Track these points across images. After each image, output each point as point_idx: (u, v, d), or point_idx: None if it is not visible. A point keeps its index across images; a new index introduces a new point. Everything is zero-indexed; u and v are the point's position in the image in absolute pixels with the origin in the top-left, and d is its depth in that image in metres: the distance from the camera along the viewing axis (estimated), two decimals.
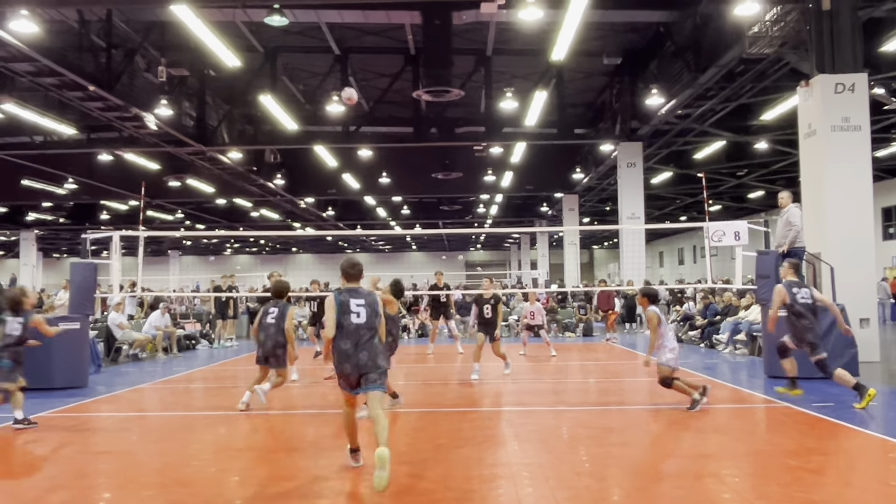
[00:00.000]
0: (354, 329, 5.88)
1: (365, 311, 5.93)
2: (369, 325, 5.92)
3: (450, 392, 11.26)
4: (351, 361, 5.86)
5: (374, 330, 5.96)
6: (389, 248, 72.09)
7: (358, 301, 5.95)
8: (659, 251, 61.99)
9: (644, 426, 8.40)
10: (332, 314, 5.88)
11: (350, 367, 5.87)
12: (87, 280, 12.08)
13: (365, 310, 5.93)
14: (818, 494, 5.56)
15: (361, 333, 5.88)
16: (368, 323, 5.93)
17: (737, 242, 12.35)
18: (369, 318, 5.94)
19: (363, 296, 6.00)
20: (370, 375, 5.87)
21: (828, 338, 11.13)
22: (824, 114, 13.10)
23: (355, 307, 5.92)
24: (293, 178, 30.10)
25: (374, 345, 5.92)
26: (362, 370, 5.87)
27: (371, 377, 5.87)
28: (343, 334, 5.88)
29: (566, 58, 16.15)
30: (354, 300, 5.96)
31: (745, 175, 31.05)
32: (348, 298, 5.96)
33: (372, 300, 6.02)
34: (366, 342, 5.89)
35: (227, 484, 6.12)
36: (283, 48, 19.58)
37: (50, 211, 39.58)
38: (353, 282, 6.14)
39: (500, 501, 5.43)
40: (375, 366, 5.88)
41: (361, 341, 5.87)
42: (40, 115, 18.85)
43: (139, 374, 13.76)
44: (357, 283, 6.17)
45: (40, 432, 8.14)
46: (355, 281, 6.16)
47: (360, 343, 5.87)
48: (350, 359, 5.86)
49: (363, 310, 5.93)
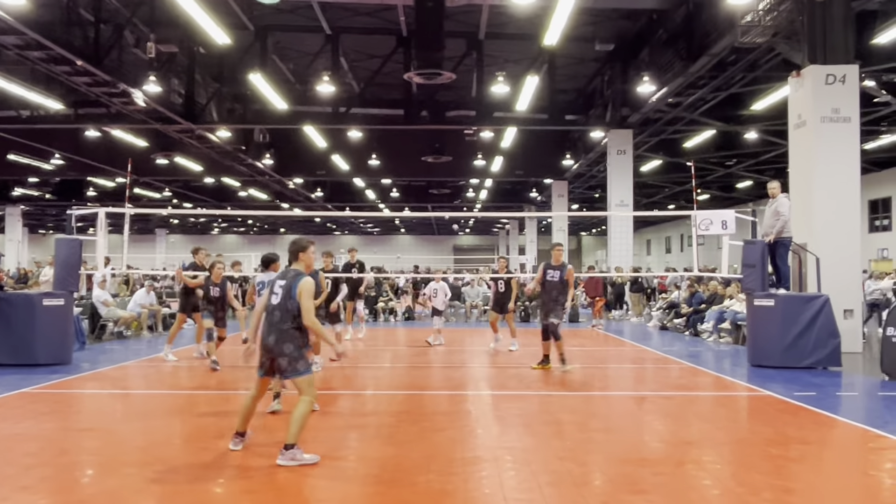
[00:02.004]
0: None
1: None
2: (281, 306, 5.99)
3: (434, 375, 11.29)
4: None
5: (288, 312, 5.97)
6: (378, 230, 71.93)
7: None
8: (647, 239, 62.18)
9: (627, 413, 8.45)
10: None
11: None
12: (71, 256, 11.99)
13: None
14: (798, 483, 5.61)
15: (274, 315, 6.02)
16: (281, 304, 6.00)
17: (724, 231, 12.39)
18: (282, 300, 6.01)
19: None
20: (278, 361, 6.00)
21: (812, 327, 11.25)
22: (814, 105, 13.11)
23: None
24: (282, 158, 29.90)
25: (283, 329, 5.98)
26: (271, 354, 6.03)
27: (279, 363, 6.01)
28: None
29: (558, 43, 16.07)
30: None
31: (734, 165, 31.10)
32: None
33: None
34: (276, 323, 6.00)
35: (209, 463, 6.10)
36: (274, 27, 19.39)
37: (36, 186, 39.16)
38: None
39: (483, 485, 5.45)
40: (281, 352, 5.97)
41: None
42: (27, 88, 18.61)
43: (124, 351, 13.70)
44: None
45: (22, 408, 8.09)
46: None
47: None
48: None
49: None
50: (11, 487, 5.19)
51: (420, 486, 5.29)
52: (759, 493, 5.22)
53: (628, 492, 5.18)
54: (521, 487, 5.31)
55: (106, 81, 17.24)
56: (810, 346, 11.21)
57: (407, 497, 5.07)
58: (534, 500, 5.00)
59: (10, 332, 11.20)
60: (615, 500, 4.99)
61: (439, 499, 5.06)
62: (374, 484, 5.44)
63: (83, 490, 5.41)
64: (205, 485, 5.45)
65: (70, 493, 5.25)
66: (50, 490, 5.29)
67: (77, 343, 13.04)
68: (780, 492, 5.27)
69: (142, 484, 5.40)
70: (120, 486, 5.36)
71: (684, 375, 11.21)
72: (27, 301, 11.53)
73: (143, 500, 5.06)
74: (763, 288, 11.72)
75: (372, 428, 7.49)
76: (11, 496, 5.01)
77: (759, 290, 11.69)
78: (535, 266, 35.74)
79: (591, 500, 5.00)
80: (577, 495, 5.10)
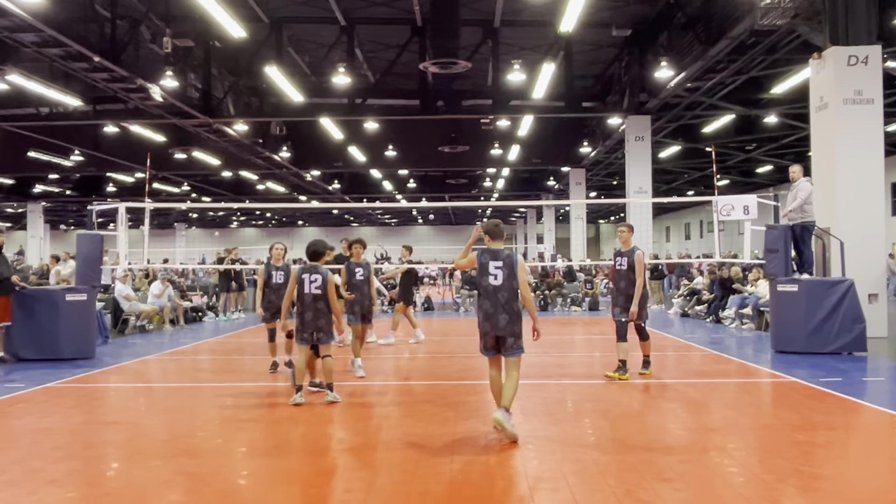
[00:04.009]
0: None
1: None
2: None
3: (455, 365, 11.28)
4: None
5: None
6: (396, 221, 72.02)
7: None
8: (665, 226, 61.80)
9: (650, 400, 8.39)
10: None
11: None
12: (93, 251, 12.08)
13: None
14: (826, 468, 5.55)
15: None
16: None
17: (746, 217, 12.24)
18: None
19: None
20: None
21: (836, 312, 11.13)
22: (837, 87, 12.92)
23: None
24: (299, 150, 29.97)
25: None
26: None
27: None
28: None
29: (575, 29, 15.92)
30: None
31: (754, 149, 30.79)
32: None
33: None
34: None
35: (233, 454, 6.14)
36: (289, 19, 19.38)
37: (56, 183, 39.58)
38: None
39: (507, 474, 5.44)
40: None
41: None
42: (46, 86, 18.74)
43: (146, 345, 13.81)
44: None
45: (48, 402, 8.18)
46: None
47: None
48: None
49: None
50: (40, 481, 5.24)
51: (444, 476, 5.28)
52: (786, 480, 5.17)
53: (654, 479, 5.14)
54: (545, 476, 5.29)
55: (123, 77, 17.32)
56: (835, 332, 11.09)
57: (431, 487, 5.06)
58: (559, 489, 4.98)
59: (34, 328, 11.32)
60: (640, 489, 4.95)
61: (463, 488, 5.05)
62: (399, 472, 5.44)
63: (109, 483, 5.46)
64: (229, 476, 5.48)
65: (97, 486, 5.30)
66: (77, 483, 5.33)
67: (100, 337, 13.15)
68: (807, 478, 5.21)
69: (168, 476, 5.43)
70: (146, 478, 5.39)
71: (707, 362, 11.13)
72: (50, 297, 11.63)
73: (169, 493, 5.09)
74: (786, 273, 11.60)
75: (394, 417, 7.50)
76: (40, 489, 5.05)
77: (781, 276, 11.57)
78: (555, 254, 35.66)
79: (616, 488, 4.97)
80: (603, 483, 5.07)
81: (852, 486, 5.11)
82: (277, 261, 10.01)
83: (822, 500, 4.80)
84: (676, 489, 4.97)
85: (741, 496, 4.81)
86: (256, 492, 5.18)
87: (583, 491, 4.92)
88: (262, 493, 5.13)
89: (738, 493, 4.87)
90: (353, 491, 5.15)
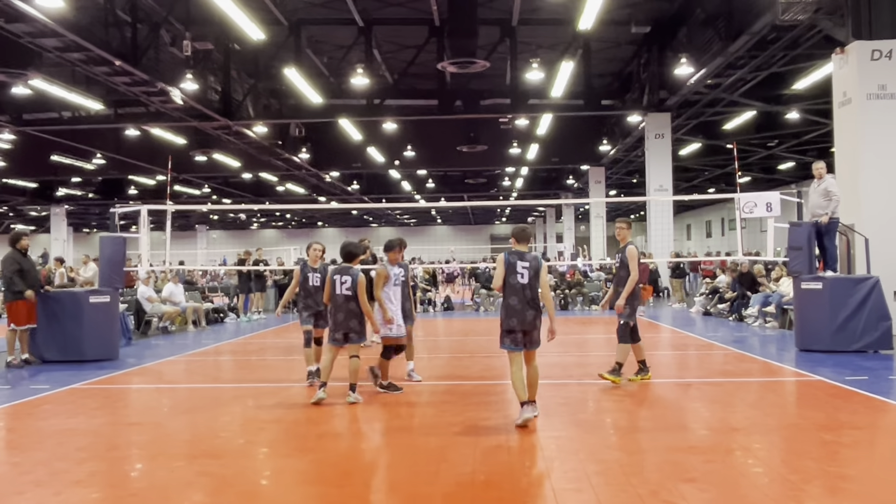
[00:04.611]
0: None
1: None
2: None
3: (476, 365, 11.25)
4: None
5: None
6: (414, 221, 72.05)
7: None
8: (686, 224, 61.32)
9: (672, 400, 8.32)
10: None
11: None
12: (116, 254, 12.18)
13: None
14: (854, 469, 5.46)
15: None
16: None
17: (769, 214, 12.10)
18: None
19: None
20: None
21: (862, 309, 10.97)
22: (860, 81, 12.75)
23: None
24: (318, 151, 30.08)
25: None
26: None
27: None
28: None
29: (593, 27, 15.85)
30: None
31: (776, 146, 30.49)
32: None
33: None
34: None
35: (255, 455, 6.16)
36: (307, 21, 19.45)
37: (79, 186, 40.01)
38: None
39: (530, 474, 5.41)
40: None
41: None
42: (68, 90, 18.94)
43: (169, 346, 13.91)
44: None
45: (72, 404, 8.25)
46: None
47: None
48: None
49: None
50: (65, 482, 5.28)
51: (465, 477, 5.26)
52: (812, 481, 5.10)
53: (678, 480, 5.09)
54: (568, 477, 5.25)
55: (144, 81, 17.46)
56: (860, 330, 10.93)
57: (453, 489, 5.04)
58: (582, 490, 4.94)
59: (58, 330, 11.44)
60: (665, 489, 4.90)
61: (485, 490, 5.02)
62: (422, 474, 5.43)
63: (133, 483, 5.49)
64: (252, 477, 5.49)
65: (121, 487, 5.33)
66: (101, 484, 5.36)
67: (123, 339, 13.28)
68: (834, 478, 5.14)
69: (191, 477, 5.46)
70: (169, 479, 5.42)
71: (730, 361, 11.02)
72: (74, 299, 11.75)
73: (193, 493, 5.11)
74: (810, 270, 11.46)
75: (416, 417, 7.50)
76: (65, 490, 5.09)
77: (805, 273, 11.43)
78: (575, 253, 35.53)
79: (640, 488, 4.92)
80: (627, 484, 5.02)
81: (881, 487, 5.02)
82: (315, 262, 9.34)
83: (850, 501, 4.72)
84: (701, 489, 4.91)
85: (767, 497, 4.75)
86: (279, 492, 5.19)
87: (606, 491, 4.88)
88: (285, 494, 5.14)
89: (764, 494, 4.80)
90: (376, 491, 5.15)
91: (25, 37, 14.78)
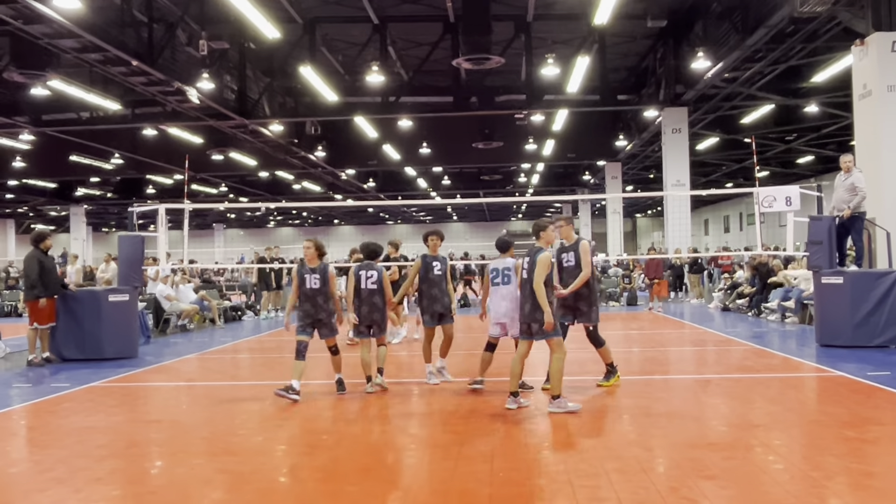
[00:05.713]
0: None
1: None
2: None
3: (493, 362, 11.19)
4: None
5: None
6: (430, 218, 72.05)
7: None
8: (704, 219, 60.90)
9: (691, 396, 8.26)
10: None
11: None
12: (134, 252, 12.26)
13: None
14: (877, 466, 5.39)
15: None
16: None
17: (788, 208, 11.98)
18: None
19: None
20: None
21: (884, 304, 10.83)
22: (880, 73, 12.61)
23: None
24: (334, 149, 30.11)
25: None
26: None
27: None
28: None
29: (609, 21, 15.73)
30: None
31: (795, 140, 30.20)
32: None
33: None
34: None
35: (273, 452, 6.17)
36: (322, 19, 19.47)
37: (98, 186, 40.33)
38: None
39: (549, 472, 5.38)
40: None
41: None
42: (86, 90, 19.08)
43: (187, 344, 13.99)
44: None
45: (92, 402, 8.31)
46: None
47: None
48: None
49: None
50: (85, 479, 5.32)
51: (483, 474, 5.24)
52: (834, 477, 5.05)
53: (698, 477, 5.05)
54: (587, 474, 5.21)
55: (160, 80, 17.55)
56: (882, 324, 10.80)
57: (470, 486, 5.02)
58: (601, 487, 4.91)
59: (78, 329, 11.53)
60: (685, 486, 4.86)
61: (504, 487, 5.00)
62: (438, 471, 5.42)
63: (153, 481, 5.51)
64: (270, 474, 5.50)
65: (140, 484, 5.35)
66: (121, 481, 5.40)
67: (142, 337, 13.37)
68: (858, 475, 5.08)
69: (209, 474, 5.48)
70: (188, 476, 5.44)
71: (749, 357, 10.92)
72: (93, 298, 11.84)
73: (212, 490, 5.13)
74: (831, 265, 11.33)
75: (436, 415, 7.48)
76: (85, 488, 5.12)
77: (826, 268, 11.31)
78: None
79: (659, 485, 4.88)
80: (646, 481, 4.98)
81: None
82: (311, 261, 8.19)
83: (874, 498, 4.65)
84: (721, 486, 4.87)
85: (788, 493, 4.69)
86: (297, 489, 5.20)
87: (626, 489, 4.84)
88: (302, 491, 5.14)
89: (786, 491, 4.75)
90: (394, 489, 5.14)
91: (44, 38, 14.89)
